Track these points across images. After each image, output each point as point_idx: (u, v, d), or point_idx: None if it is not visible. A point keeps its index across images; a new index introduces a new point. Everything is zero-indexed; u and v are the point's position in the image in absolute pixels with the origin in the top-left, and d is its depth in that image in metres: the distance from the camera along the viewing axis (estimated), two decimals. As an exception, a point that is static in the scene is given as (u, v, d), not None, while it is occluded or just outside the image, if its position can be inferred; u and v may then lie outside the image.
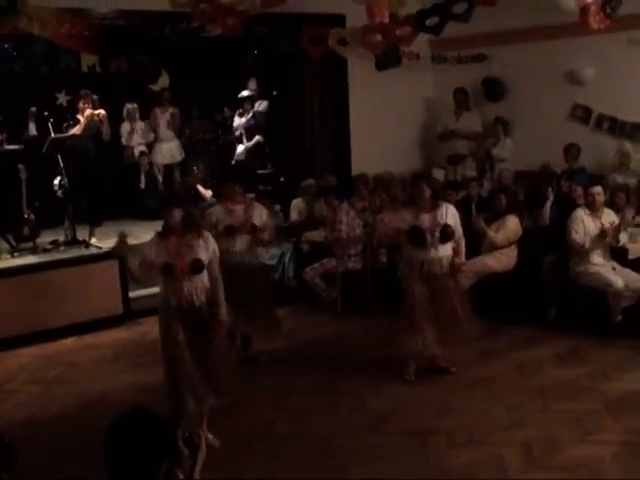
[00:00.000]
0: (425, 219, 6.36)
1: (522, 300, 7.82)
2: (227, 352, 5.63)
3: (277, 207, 9.78)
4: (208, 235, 5.50)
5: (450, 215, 6.43)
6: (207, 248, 5.39)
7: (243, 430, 5.70)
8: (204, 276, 5.39)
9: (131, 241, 9.40)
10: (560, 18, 8.80)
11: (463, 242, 6.59)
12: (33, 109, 10.23)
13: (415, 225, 6.33)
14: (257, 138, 11.99)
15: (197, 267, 5.32)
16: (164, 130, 11.59)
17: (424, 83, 11.26)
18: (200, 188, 11.19)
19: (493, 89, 10.66)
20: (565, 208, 7.99)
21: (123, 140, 11.32)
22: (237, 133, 12.20)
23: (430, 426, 5.64)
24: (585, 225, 7.31)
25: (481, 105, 10.76)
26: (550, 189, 8.56)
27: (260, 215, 6.91)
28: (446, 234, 6.35)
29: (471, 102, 10.69)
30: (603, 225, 7.26)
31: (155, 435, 2.59)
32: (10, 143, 10.18)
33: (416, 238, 6.33)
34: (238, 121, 12.24)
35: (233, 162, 12.13)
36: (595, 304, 7.29)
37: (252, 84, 12.30)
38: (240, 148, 12.05)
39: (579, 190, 8.17)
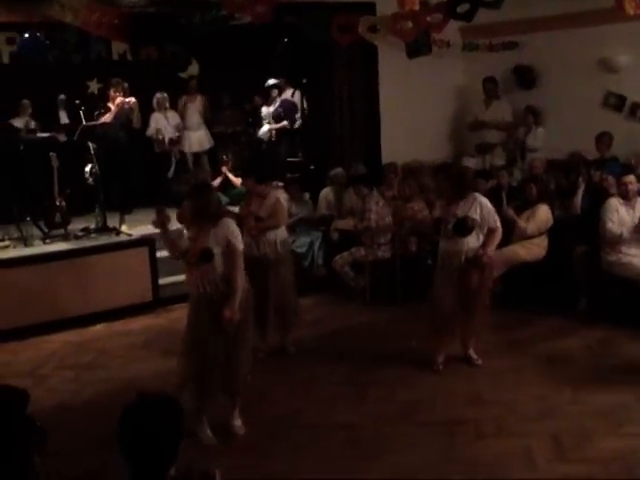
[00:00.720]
0: (451, 210, 6.33)
1: (552, 290, 7.76)
2: (242, 348, 5.37)
3: (306, 195, 9.78)
4: (225, 223, 5.27)
5: (476, 207, 6.30)
6: (218, 237, 5.21)
7: (269, 419, 5.71)
8: (217, 265, 5.19)
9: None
10: (593, 4, 8.67)
11: (497, 233, 6.42)
12: (62, 97, 10.29)
13: (436, 217, 6.33)
14: (284, 123, 11.98)
15: (204, 256, 5.17)
16: (192, 118, 11.61)
17: (454, 71, 11.15)
18: (230, 176, 11.21)
19: (524, 77, 10.55)
20: (596, 197, 7.91)
21: (151, 132, 11.27)
22: (265, 122, 12.19)
23: (458, 416, 5.62)
24: (620, 214, 7.23)
25: (512, 93, 10.64)
26: (581, 178, 8.46)
27: (270, 204, 6.85)
28: (460, 226, 6.24)
29: (501, 90, 10.58)
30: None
31: (170, 418, 2.61)
32: (43, 131, 10.24)
33: (434, 229, 6.33)
34: (266, 110, 12.24)
35: (263, 145, 12.12)
36: (627, 294, 7.20)
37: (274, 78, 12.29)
38: (265, 127, 12.05)
39: (611, 179, 8.07)
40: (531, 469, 4.84)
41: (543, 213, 7.94)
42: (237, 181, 11.15)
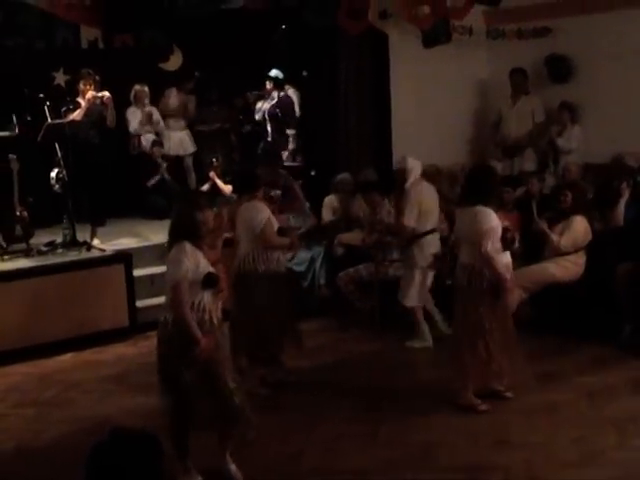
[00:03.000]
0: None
1: (592, 315, 7.71)
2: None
3: (307, 205, 9.73)
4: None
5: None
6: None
7: (266, 463, 5.64)
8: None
9: (138, 242, 9.59)
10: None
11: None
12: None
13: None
14: (290, 133, 12.03)
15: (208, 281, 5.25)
16: (175, 117, 11.62)
17: (477, 62, 11.16)
18: (219, 182, 11.18)
19: (558, 68, 10.55)
20: (643, 207, 7.88)
21: (131, 128, 11.32)
22: (257, 116, 12.18)
23: (484, 461, 5.54)
24: (669, 227, 7.20)
25: (544, 87, 10.64)
26: (625, 185, 8.42)
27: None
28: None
29: (532, 84, 10.58)
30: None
31: (143, 457, 2.58)
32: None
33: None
34: (260, 105, 12.23)
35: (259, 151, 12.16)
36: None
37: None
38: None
39: (658, 185, 8.05)
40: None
41: (580, 225, 7.91)
42: (227, 189, 11.12)
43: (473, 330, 6.31)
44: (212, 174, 11.18)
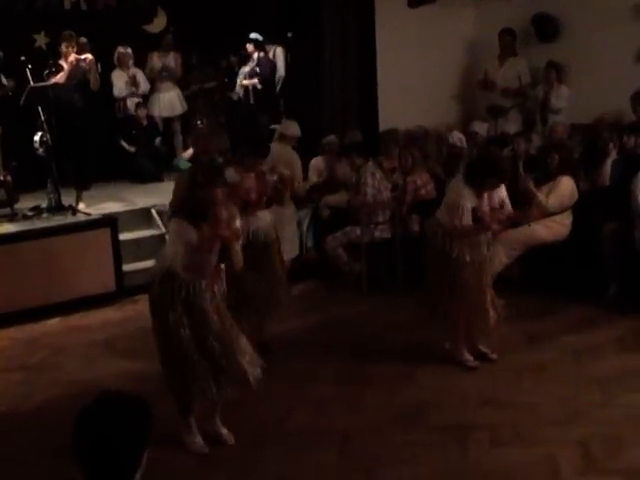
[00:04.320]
0: None
1: (578, 275, 7.75)
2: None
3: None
4: None
5: None
6: None
7: (254, 424, 5.68)
8: None
9: (124, 206, 9.57)
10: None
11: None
12: None
13: None
14: (254, 81, 11.91)
15: None
16: (163, 78, 11.55)
17: (464, 22, 11.12)
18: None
19: (545, 28, 10.51)
20: (630, 167, 7.86)
21: (116, 91, 11.24)
22: (238, 80, 12.14)
23: (470, 421, 5.59)
24: (655, 187, 7.21)
25: (531, 47, 10.60)
26: (612, 144, 8.43)
27: None
28: None
29: (519, 44, 10.53)
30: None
31: (130, 422, 2.59)
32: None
33: None
34: (243, 70, 12.18)
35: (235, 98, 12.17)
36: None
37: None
38: (237, 88, 12.01)
39: (646, 144, 8.05)
40: (555, 481, 4.82)
41: (566, 186, 7.91)
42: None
43: (449, 289, 6.35)
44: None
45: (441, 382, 6.25)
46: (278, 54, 12.17)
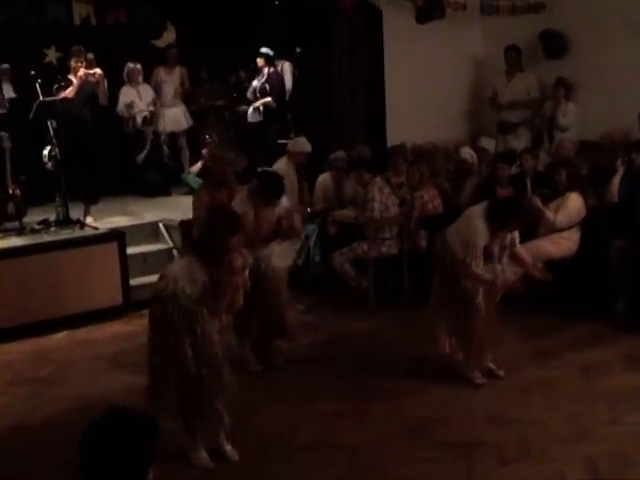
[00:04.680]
0: None
1: (586, 291, 7.74)
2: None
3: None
4: None
5: None
6: None
7: (260, 440, 5.67)
8: None
9: (131, 220, 9.60)
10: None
11: None
12: (5, 66, 10.21)
13: None
14: (267, 100, 11.91)
15: None
16: (169, 93, 11.59)
17: (472, 38, 11.13)
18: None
19: (553, 44, 10.53)
20: (638, 184, 7.88)
21: (120, 109, 11.22)
22: (249, 95, 12.15)
23: (477, 437, 5.57)
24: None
25: (539, 63, 10.63)
26: (619, 161, 8.43)
27: None
28: None
29: (526, 60, 10.55)
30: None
31: (138, 437, 2.59)
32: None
33: None
34: (253, 84, 12.20)
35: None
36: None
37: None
38: (250, 110, 11.99)
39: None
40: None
41: (574, 202, 7.91)
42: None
43: (455, 305, 6.37)
44: (205, 151, 11.15)
45: (449, 398, 6.23)
46: (285, 68, 12.19)
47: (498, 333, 6.52)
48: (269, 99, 11.81)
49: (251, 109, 11.92)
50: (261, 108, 11.77)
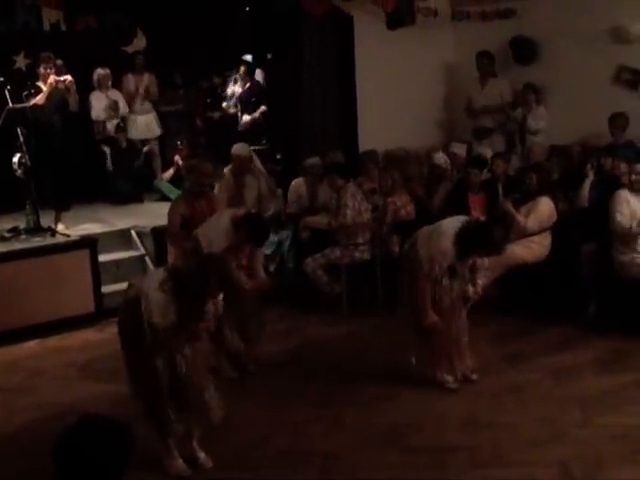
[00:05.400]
0: None
1: (557, 296, 7.79)
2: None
3: (279, 191, 9.73)
4: None
5: None
6: None
7: (234, 447, 5.65)
8: None
9: (103, 228, 9.56)
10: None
11: None
12: None
13: None
14: (262, 108, 11.92)
15: None
16: (139, 100, 11.57)
17: (443, 44, 11.19)
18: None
19: (523, 50, 10.61)
20: (608, 188, 7.94)
21: (94, 114, 11.23)
22: (231, 102, 12.14)
23: (450, 442, 5.59)
24: (631, 206, 7.27)
25: (509, 69, 10.69)
26: (589, 166, 8.49)
27: None
28: None
29: (498, 66, 10.62)
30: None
31: (113, 445, 2.58)
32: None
33: None
34: (232, 89, 12.19)
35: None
36: (643, 300, 7.25)
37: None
38: (245, 118, 11.97)
39: (623, 167, 8.11)
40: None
41: (545, 207, 7.96)
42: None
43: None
44: (177, 157, 11.14)
45: (421, 403, 6.24)
46: (257, 76, 12.22)
47: (469, 338, 6.54)
48: (264, 108, 11.82)
49: (247, 118, 11.89)
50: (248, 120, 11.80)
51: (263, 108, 11.94)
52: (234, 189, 9.02)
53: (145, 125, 11.73)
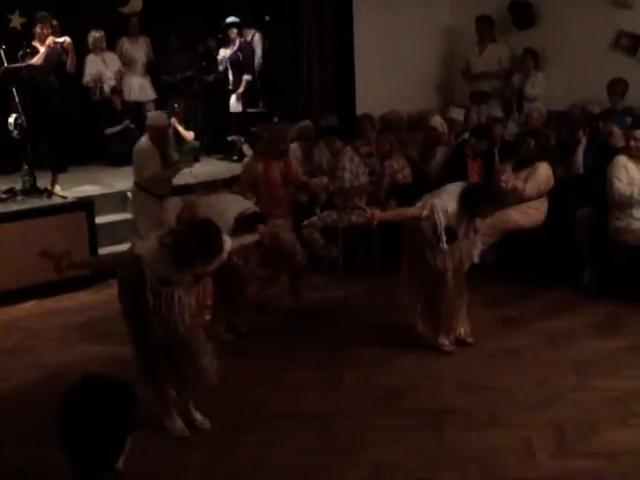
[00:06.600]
0: None
1: (553, 261, 7.80)
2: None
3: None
4: None
5: None
6: None
7: (232, 409, 5.68)
8: None
9: (100, 189, 9.53)
10: None
11: None
12: None
13: None
14: (245, 78, 11.76)
15: None
16: (134, 63, 11.49)
17: (441, 8, 11.12)
18: (180, 129, 11.12)
19: (521, 15, 10.53)
20: (603, 154, 7.90)
21: (86, 80, 11.13)
22: (221, 67, 12.04)
23: (446, 404, 5.62)
24: (629, 173, 7.24)
25: (508, 34, 10.61)
26: (581, 132, 8.43)
27: None
28: None
29: (496, 30, 10.54)
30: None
31: (117, 405, 2.58)
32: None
33: None
34: (223, 53, 12.09)
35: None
36: (638, 265, 7.24)
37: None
38: (232, 99, 11.83)
39: (617, 133, 8.09)
40: (530, 464, 4.85)
41: (544, 172, 7.92)
42: (188, 135, 11.09)
43: (423, 275, 6.39)
44: (173, 120, 11.07)
45: (418, 366, 6.27)
46: (256, 41, 12.09)
47: (467, 302, 6.55)
48: (248, 77, 11.67)
49: (234, 98, 11.76)
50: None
51: (246, 78, 11.72)
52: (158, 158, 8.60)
53: (139, 87, 11.65)
